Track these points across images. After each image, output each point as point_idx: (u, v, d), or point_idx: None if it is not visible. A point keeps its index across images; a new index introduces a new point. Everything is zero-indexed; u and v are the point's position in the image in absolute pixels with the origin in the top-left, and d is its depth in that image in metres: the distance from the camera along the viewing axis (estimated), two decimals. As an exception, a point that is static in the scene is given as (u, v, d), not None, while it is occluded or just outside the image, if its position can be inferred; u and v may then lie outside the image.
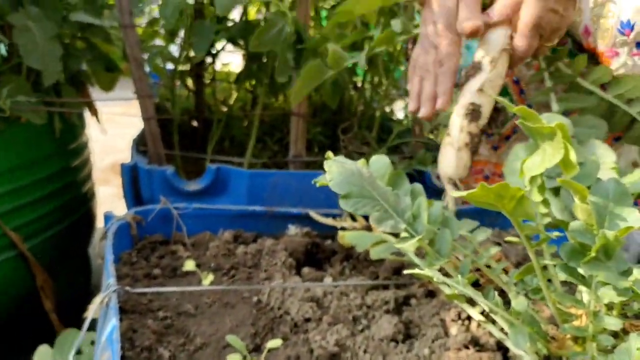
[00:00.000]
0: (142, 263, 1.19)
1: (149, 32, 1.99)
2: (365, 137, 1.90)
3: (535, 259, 0.81)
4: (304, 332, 0.99)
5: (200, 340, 0.95)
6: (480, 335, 0.94)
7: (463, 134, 0.93)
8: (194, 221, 1.32)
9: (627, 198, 0.82)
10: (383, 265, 1.21)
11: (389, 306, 1.04)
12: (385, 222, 0.78)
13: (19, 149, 1.43)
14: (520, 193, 0.73)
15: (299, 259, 1.24)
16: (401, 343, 0.96)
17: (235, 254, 1.24)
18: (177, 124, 1.86)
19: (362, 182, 0.80)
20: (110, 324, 0.83)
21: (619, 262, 0.78)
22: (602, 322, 0.79)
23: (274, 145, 2.05)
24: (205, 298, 1.08)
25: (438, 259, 0.81)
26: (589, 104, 1.09)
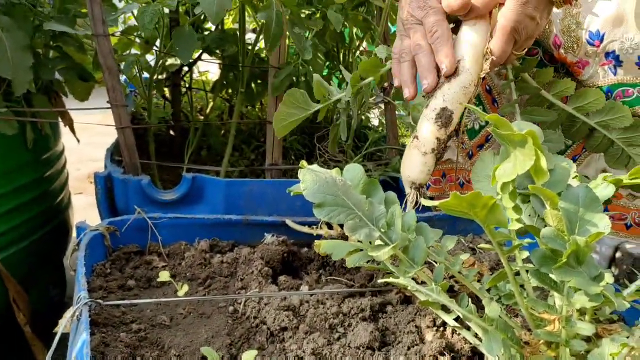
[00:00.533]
0: (116, 274, 1.17)
1: (125, 41, 1.98)
2: (340, 145, 1.90)
3: (508, 266, 0.82)
4: (281, 342, 0.99)
5: (175, 352, 0.94)
6: (455, 342, 0.94)
7: (431, 139, 0.91)
8: (169, 231, 1.30)
9: (597, 204, 0.83)
10: (359, 272, 1.21)
11: (365, 313, 1.04)
12: (360, 231, 0.79)
13: (-10, 159, 1.40)
14: (492, 201, 0.74)
15: (275, 267, 1.23)
16: (377, 350, 0.96)
17: (211, 263, 1.23)
18: (153, 133, 1.84)
19: (336, 190, 0.81)
20: (80, 339, 0.81)
21: (590, 268, 0.79)
22: (575, 327, 0.80)
23: (251, 153, 2.04)
24: (181, 309, 1.07)
25: (412, 266, 0.82)
26: (550, 116, 1.11)
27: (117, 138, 1.55)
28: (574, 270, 0.78)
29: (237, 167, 1.88)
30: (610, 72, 1.23)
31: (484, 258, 1.30)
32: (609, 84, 1.23)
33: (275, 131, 1.20)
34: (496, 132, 0.84)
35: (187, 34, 1.55)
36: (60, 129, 1.88)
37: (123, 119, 1.50)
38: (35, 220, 1.66)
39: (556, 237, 0.82)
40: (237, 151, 2.07)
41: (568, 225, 0.81)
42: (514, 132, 0.79)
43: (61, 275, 1.89)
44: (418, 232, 0.89)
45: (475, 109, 0.83)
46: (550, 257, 0.80)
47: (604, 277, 0.80)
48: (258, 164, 1.97)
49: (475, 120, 1.49)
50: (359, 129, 2.19)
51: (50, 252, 1.76)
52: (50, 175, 1.73)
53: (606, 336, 0.86)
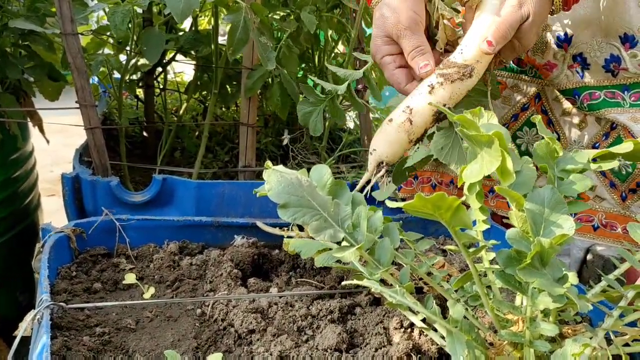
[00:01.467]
0: (82, 277, 1.15)
1: (97, 41, 1.95)
2: (315, 147, 1.90)
3: (473, 267, 0.82)
4: (248, 344, 0.98)
5: (140, 356, 0.93)
6: (422, 343, 0.94)
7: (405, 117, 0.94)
8: (138, 233, 1.29)
9: (562, 206, 0.83)
10: (329, 274, 1.20)
11: (333, 315, 1.03)
12: (324, 232, 0.78)
13: (-46, 160, 1.37)
14: (457, 203, 0.74)
15: (245, 269, 1.22)
16: (345, 352, 0.95)
17: (180, 265, 1.22)
18: (125, 134, 1.82)
19: (301, 191, 0.80)
20: (40, 342, 0.79)
21: (554, 269, 0.80)
22: (539, 328, 0.81)
23: (225, 155, 2.03)
24: (147, 312, 1.05)
25: (378, 268, 0.81)
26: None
27: (87, 139, 1.53)
28: (538, 272, 0.78)
29: (210, 168, 1.86)
30: (578, 75, 1.24)
31: (455, 260, 1.30)
32: (577, 87, 1.25)
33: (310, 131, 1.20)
34: (463, 133, 0.84)
35: (156, 34, 1.53)
36: (30, 129, 1.84)
37: (92, 120, 1.47)
38: (2, 223, 1.62)
39: (521, 238, 0.82)
40: (211, 153, 2.05)
41: (533, 226, 0.81)
42: (481, 133, 0.80)
43: (30, 278, 1.85)
44: (385, 233, 0.88)
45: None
46: (515, 258, 0.80)
47: (568, 278, 0.80)
48: (232, 166, 1.96)
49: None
50: (334, 131, 2.18)
51: (18, 255, 1.73)
52: (19, 176, 1.70)
53: (571, 337, 0.86)
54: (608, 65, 1.19)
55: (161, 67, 2.10)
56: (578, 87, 1.24)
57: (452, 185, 1.53)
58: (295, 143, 1.87)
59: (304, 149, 1.87)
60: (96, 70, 1.66)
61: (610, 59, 1.19)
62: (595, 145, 1.29)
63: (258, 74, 1.60)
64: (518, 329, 0.84)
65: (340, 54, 2.24)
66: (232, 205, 1.46)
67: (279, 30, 1.98)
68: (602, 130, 1.28)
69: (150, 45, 1.51)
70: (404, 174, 1.14)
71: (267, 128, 2.14)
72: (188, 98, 2.10)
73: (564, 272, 0.80)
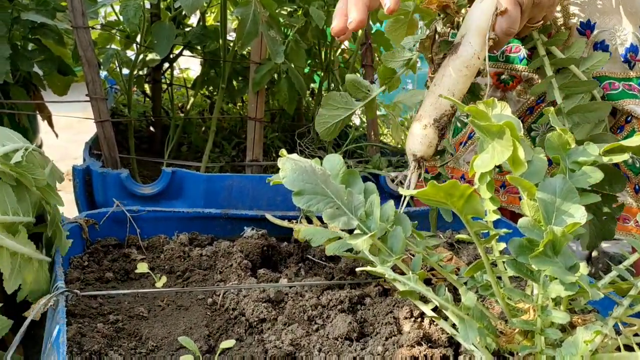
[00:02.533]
0: (94, 267, 1.16)
1: (105, 35, 1.97)
2: (321, 142, 1.91)
3: (485, 255, 0.83)
4: (259, 333, 0.99)
5: (153, 343, 0.93)
6: (433, 332, 0.95)
7: (430, 111, 0.95)
8: (148, 224, 1.29)
9: (574, 195, 0.84)
10: (338, 266, 1.21)
11: (343, 305, 1.04)
12: (338, 219, 0.79)
13: (-35, 152, 1.38)
14: (469, 191, 0.75)
15: (255, 260, 1.23)
16: (355, 341, 0.96)
17: (190, 256, 1.22)
18: (132, 127, 1.83)
19: (316, 179, 0.81)
20: (57, 328, 0.80)
21: (566, 258, 0.81)
22: (550, 316, 0.81)
23: (231, 150, 2.04)
24: (159, 301, 1.06)
25: (390, 255, 0.82)
26: (589, 87, 1.09)
27: (97, 132, 1.54)
28: (550, 260, 0.79)
29: (217, 163, 1.87)
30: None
31: (462, 254, 1.31)
32: (597, 76, 1.25)
33: (320, 135, 1.17)
34: (474, 123, 0.85)
35: (166, 28, 1.54)
36: (39, 124, 1.86)
37: (102, 113, 1.49)
38: (11, 215, 1.63)
39: (533, 227, 0.83)
40: (218, 148, 2.07)
41: (545, 215, 0.82)
42: (492, 123, 0.81)
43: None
44: (397, 222, 0.89)
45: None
46: (527, 247, 0.81)
47: (580, 267, 0.81)
48: (239, 160, 1.97)
49: (458, 117, 1.50)
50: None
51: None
52: (28, 170, 1.70)
53: (581, 325, 0.87)
54: (626, 55, 1.19)
55: (168, 62, 2.11)
56: (599, 76, 1.24)
57: (462, 181, 1.54)
58: (302, 138, 1.88)
59: (311, 144, 1.88)
60: (107, 64, 1.67)
61: (629, 47, 1.19)
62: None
63: (266, 68, 1.61)
64: (529, 318, 0.85)
65: (347, 50, 2.25)
66: (240, 198, 1.47)
67: (286, 26, 1.99)
68: (617, 124, 1.28)
69: (161, 39, 1.52)
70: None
71: (274, 123, 2.15)
72: (195, 93, 2.11)
73: (575, 261, 0.81)
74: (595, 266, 2.37)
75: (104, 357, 0.87)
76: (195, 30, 1.92)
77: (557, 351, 0.78)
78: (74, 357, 0.85)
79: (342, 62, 2.18)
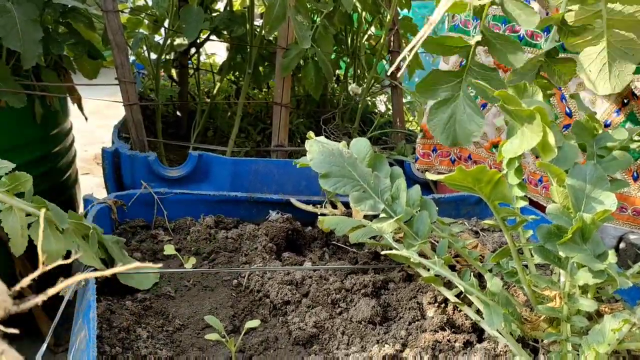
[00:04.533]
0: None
1: (133, 20, 1.98)
2: (346, 128, 1.90)
3: (512, 242, 0.82)
4: (283, 315, 1.00)
5: (179, 321, 0.95)
6: (456, 318, 0.95)
7: None
8: (175, 206, 1.31)
9: (604, 182, 0.83)
10: (362, 251, 1.21)
11: (367, 290, 1.05)
12: (365, 202, 0.79)
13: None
14: (498, 176, 0.74)
15: (280, 244, 1.24)
16: (379, 325, 0.96)
17: (216, 238, 1.24)
18: (160, 111, 1.85)
19: (343, 162, 0.81)
20: (87, 304, 0.82)
21: (595, 245, 0.80)
22: (577, 304, 0.81)
23: (257, 135, 2.05)
24: (185, 281, 1.08)
25: (416, 239, 0.82)
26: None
27: (125, 115, 1.56)
28: (579, 247, 0.78)
29: (243, 147, 1.88)
30: None
31: (487, 241, 1.30)
32: None
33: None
34: (504, 108, 0.84)
35: (195, 12, 1.55)
36: (69, 107, 1.88)
37: (131, 96, 1.50)
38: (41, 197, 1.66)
39: (562, 213, 0.82)
40: (243, 133, 2.08)
41: (574, 202, 0.81)
42: (522, 108, 0.80)
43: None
44: (422, 207, 0.89)
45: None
46: (555, 234, 0.80)
47: (609, 255, 0.80)
48: (264, 145, 1.98)
49: None
50: (365, 114, 2.19)
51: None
52: (59, 152, 1.73)
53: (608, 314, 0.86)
54: None
55: (195, 47, 2.12)
56: None
57: (470, 160, 1.52)
58: (327, 124, 1.88)
59: (336, 130, 1.87)
60: (135, 47, 1.69)
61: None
62: (606, 123, 1.27)
63: (294, 52, 1.61)
64: (555, 305, 0.84)
65: (374, 36, 2.23)
66: (265, 182, 1.48)
67: (314, 12, 1.99)
68: (613, 107, 1.25)
69: (190, 23, 1.53)
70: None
71: (299, 109, 2.15)
72: (221, 78, 2.12)
73: (604, 248, 0.80)
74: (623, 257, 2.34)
75: (133, 333, 0.89)
76: (222, 15, 1.92)
77: (583, 339, 0.78)
78: (103, 333, 0.87)
79: (369, 48, 2.17)
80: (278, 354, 0.89)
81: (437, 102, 0.87)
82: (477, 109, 0.89)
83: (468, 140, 0.85)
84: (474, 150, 1.52)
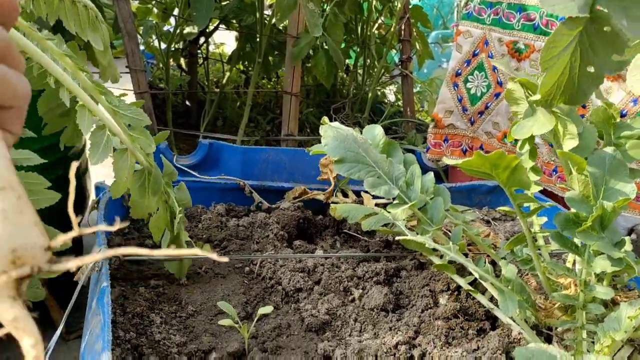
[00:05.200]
0: (135, 234, 1.19)
1: (143, 8, 1.98)
2: (356, 118, 1.90)
3: (527, 228, 0.82)
4: (295, 302, 1.00)
5: (192, 307, 0.95)
6: (469, 305, 0.95)
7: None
8: (186, 195, 1.31)
9: (624, 168, 0.82)
10: (373, 239, 1.21)
11: (379, 277, 1.04)
12: (380, 187, 0.79)
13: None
14: (516, 162, 0.74)
15: (291, 232, 1.24)
16: (391, 312, 0.96)
17: (227, 226, 1.24)
18: (170, 99, 1.85)
19: (357, 147, 0.81)
20: (100, 288, 0.82)
21: (613, 233, 0.79)
22: (593, 291, 0.80)
23: (266, 125, 2.05)
24: (197, 268, 1.08)
25: (430, 225, 0.82)
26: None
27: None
28: (597, 235, 0.78)
29: (252, 137, 1.88)
30: None
31: (499, 230, 1.30)
32: None
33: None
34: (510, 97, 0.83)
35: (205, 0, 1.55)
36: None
37: (141, 84, 1.50)
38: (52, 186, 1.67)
39: (582, 201, 0.81)
40: (252, 122, 2.08)
41: (594, 189, 0.80)
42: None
43: (78, 240, 1.91)
44: (436, 194, 0.89)
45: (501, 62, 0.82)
46: (573, 221, 0.79)
47: (626, 243, 0.80)
48: (274, 134, 1.98)
49: (477, 86, 1.48)
50: (375, 103, 2.18)
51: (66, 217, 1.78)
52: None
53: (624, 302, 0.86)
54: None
55: (204, 36, 2.12)
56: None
57: (482, 151, 1.52)
58: (337, 113, 1.87)
59: (346, 119, 1.87)
60: (145, 35, 1.69)
61: None
62: (623, 112, 1.25)
63: (305, 40, 1.60)
64: (570, 293, 0.84)
65: (384, 25, 2.22)
66: (276, 170, 1.48)
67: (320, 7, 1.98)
68: (630, 96, 1.24)
69: (199, 10, 1.52)
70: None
71: (309, 99, 2.15)
72: (231, 68, 2.11)
73: (622, 237, 0.79)
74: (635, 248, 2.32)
75: (146, 319, 0.89)
76: (231, 3, 1.91)
77: (599, 326, 0.77)
78: (117, 318, 0.87)
79: (379, 37, 2.16)
80: (291, 340, 0.89)
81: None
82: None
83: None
84: (487, 141, 1.51)
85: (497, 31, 1.38)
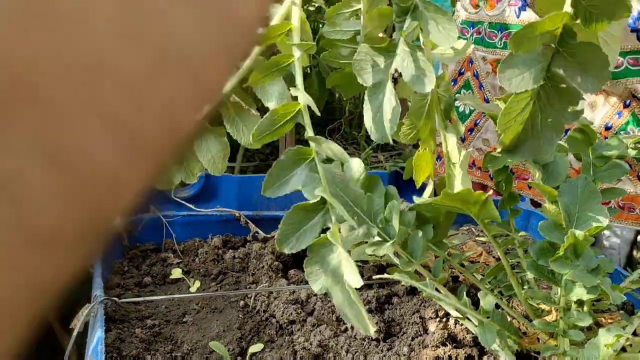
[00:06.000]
0: (133, 272, 1.22)
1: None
2: (354, 136, 1.92)
3: (504, 258, 0.83)
4: (289, 334, 1.02)
5: (187, 346, 0.98)
6: (458, 332, 0.96)
7: None
8: (184, 228, 1.34)
9: (596, 196, 0.83)
10: (367, 264, 1.23)
11: (371, 305, 1.06)
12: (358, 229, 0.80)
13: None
14: (484, 197, 0.75)
15: (286, 261, 1.26)
16: (382, 342, 0.98)
17: (223, 259, 1.27)
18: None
19: (335, 187, 0.83)
20: (96, 336, 0.85)
21: (588, 260, 0.80)
22: (572, 318, 0.81)
23: (266, 148, 2.07)
24: (194, 304, 1.11)
25: (411, 261, 0.83)
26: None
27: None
28: (571, 264, 0.79)
29: (252, 162, 1.91)
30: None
31: (493, 247, 1.31)
32: None
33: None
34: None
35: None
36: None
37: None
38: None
39: (554, 229, 0.83)
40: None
41: (566, 217, 0.81)
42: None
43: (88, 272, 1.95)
44: (419, 226, 0.90)
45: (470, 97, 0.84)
46: (548, 250, 0.81)
47: (602, 269, 0.81)
48: (273, 158, 2.00)
49: (465, 104, 1.50)
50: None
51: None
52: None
53: (608, 325, 0.87)
54: (635, 22, 1.14)
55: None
56: None
57: (474, 167, 1.53)
58: (334, 133, 1.89)
59: (343, 139, 1.89)
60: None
61: (638, 15, 1.13)
62: (608, 125, 1.25)
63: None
64: (552, 319, 0.85)
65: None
66: (273, 198, 1.50)
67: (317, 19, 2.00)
68: (614, 109, 1.24)
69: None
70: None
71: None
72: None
73: (598, 263, 0.80)
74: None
75: (142, 362, 0.92)
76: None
77: (580, 353, 0.78)
78: (113, 362, 0.90)
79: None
80: (283, 376, 0.92)
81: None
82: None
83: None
84: (478, 157, 1.52)
85: (480, 50, 1.40)
